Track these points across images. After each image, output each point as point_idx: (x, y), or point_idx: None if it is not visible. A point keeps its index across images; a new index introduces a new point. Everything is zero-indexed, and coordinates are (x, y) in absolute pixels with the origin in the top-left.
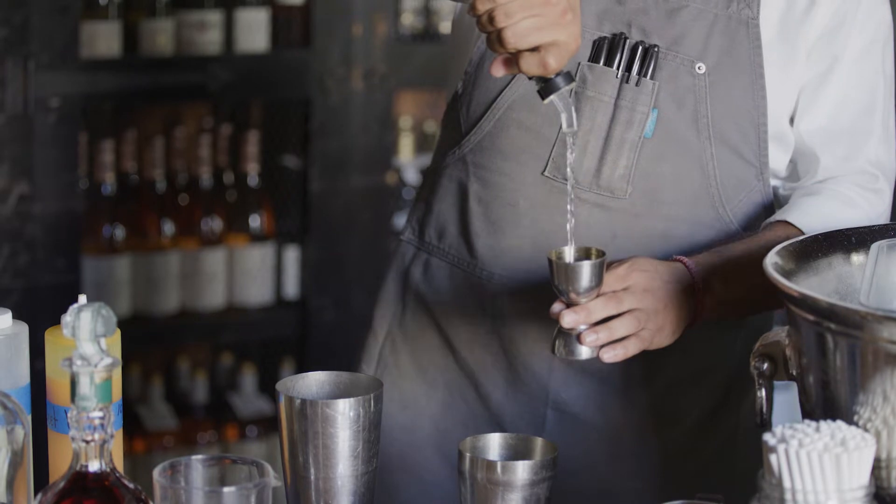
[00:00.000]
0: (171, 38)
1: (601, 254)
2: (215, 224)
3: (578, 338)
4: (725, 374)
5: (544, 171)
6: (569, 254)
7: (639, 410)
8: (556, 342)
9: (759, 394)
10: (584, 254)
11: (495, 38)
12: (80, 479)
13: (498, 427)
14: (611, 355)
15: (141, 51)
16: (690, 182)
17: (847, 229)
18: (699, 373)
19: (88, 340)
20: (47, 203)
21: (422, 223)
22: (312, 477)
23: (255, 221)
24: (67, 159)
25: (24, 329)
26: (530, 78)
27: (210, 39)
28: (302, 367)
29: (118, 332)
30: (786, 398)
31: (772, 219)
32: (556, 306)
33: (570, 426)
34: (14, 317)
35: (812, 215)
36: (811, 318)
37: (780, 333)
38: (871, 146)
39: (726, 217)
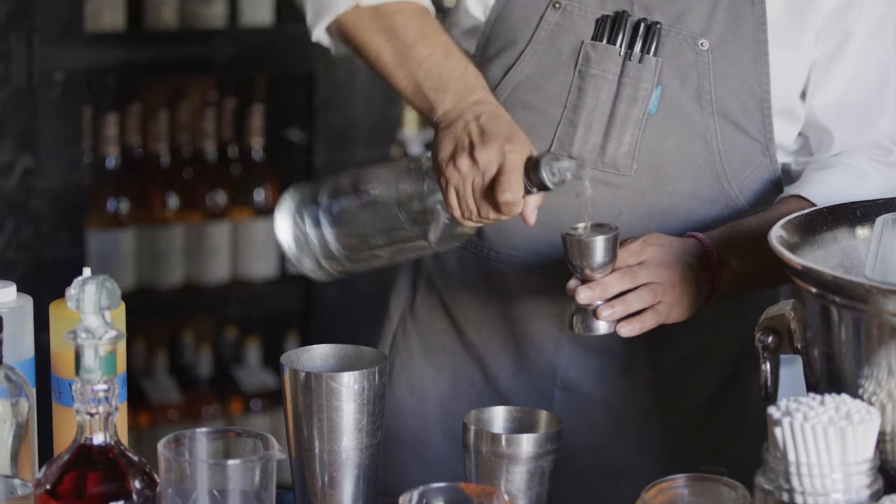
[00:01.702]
0: (175, 12)
1: (614, 229)
2: (220, 198)
3: (595, 313)
4: (734, 351)
5: (550, 149)
6: (582, 230)
7: (647, 387)
8: (573, 318)
9: (763, 367)
10: (597, 230)
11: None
12: (84, 452)
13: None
14: (628, 329)
15: (145, 24)
16: (695, 158)
17: (852, 203)
18: (708, 349)
19: (93, 313)
20: (52, 177)
21: None
22: (317, 450)
23: (259, 195)
24: (72, 133)
25: (28, 302)
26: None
27: (215, 13)
28: (306, 341)
29: (122, 306)
30: (790, 372)
31: (785, 193)
32: (572, 282)
33: (578, 405)
34: (18, 290)
35: (825, 189)
36: (816, 291)
37: (784, 307)
38: (885, 121)
39: (732, 192)
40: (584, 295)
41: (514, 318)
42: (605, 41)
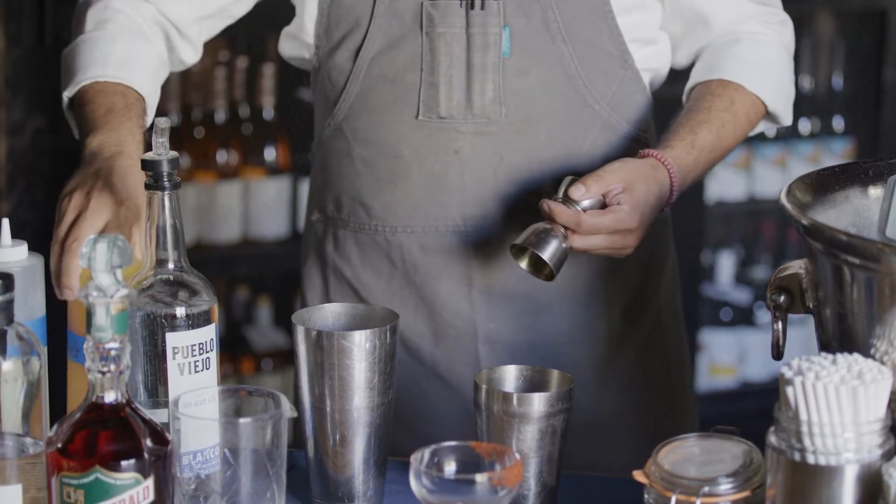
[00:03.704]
0: None
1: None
2: (231, 157)
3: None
4: (636, 268)
5: (417, 115)
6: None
7: (563, 320)
8: (526, 233)
9: (775, 326)
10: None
11: None
12: (96, 410)
13: (436, 378)
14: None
15: None
16: (559, 88)
17: (864, 162)
18: (611, 271)
19: (104, 271)
20: (63, 137)
21: (321, 200)
22: (328, 409)
23: (270, 155)
24: None
25: (39, 261)
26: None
27: None
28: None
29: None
30: (799, 335)
31: (701, 78)
32: (553, 202)
33: (505, 355)
34: (30, 249)
35: (738, 63)
36: (828, 251)
37: (796, 266)
38: None
39: (604, 113)
40: (564, 216)
41: (422, 285)
42: None
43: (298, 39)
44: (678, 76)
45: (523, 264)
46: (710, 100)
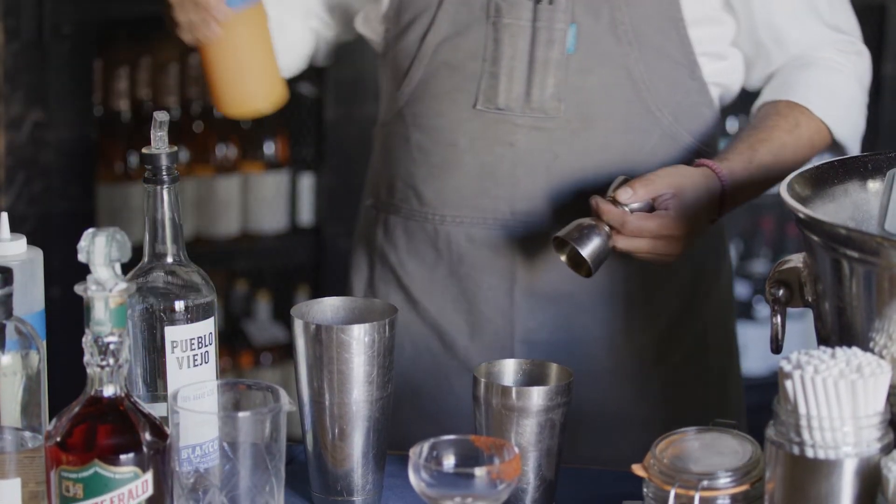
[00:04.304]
0: None
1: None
2: (230, 151)
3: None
4: (686, 277)
5: (475, 104)
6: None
7: (606, 326)
8: (570, 227)
9: (774, 320)
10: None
11: None
12: (95, 404)
13: (468, 373)
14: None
15: None
16: (620, 90)
17: (863, 156)
18: (661, 279)
19: (103, 265)
20: (62, 130)
21: (376, 185)
22: (327, 402)
23: (269, 149)
24: (82, 87)
25: (38, 255)
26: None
27: None
28: (316, 295)
29: None
30: (798, 329)
31: (770, 98)
32: (602, 200)
33: (540, 356)
34: (29, 243)
35: (809, 88)
36: (827, 244)
37: (795, 260)
38: (828, 14)
39: (665, 120)
40: (611, 214)
41: (465, 277)
42: None
43: (370, 21)
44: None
45: (563, 257)
46: (775, 120)
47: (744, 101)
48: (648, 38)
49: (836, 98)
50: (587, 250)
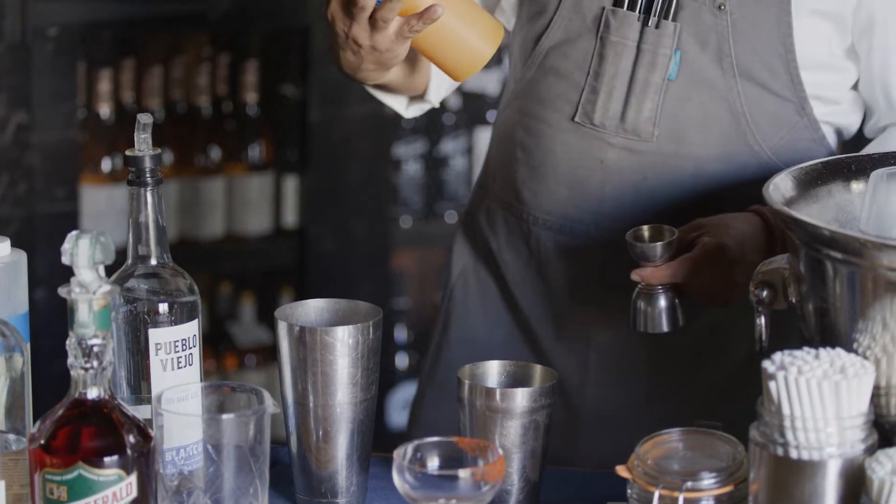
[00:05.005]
0: None
1: (674, 234)
2: (214, 153)
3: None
4: None
5: (574, 116)
6: (645, 231)
7: (683, 348)
8: (635, 316)
9: (758, 321)
10: (656, 231)
11: None
12: (78, 407)
13: None
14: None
15: None
16: (719, 121)
17: (847, 157)
18: (740, 314)
19: (87, 267)
20: (46, 132)
21: (485, 171)
22: (311, 404)
23: (254, 151)
24: (66, 89)
25: (22, 257)
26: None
27: None
28: (301, 297)
29: None
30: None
31: (867, 152)
32: (637, 271)
33: (614, 367)
34: (13, 245)
35: None
36: (811, 245)
37: (779, 261)
38: None
39: (764, 155)
40: (635, 276)
41: (551, 278)
42: (624, 7)
43: (505, 11)
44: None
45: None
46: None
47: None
48: (755, 73)
49: None
50: (664, 326)
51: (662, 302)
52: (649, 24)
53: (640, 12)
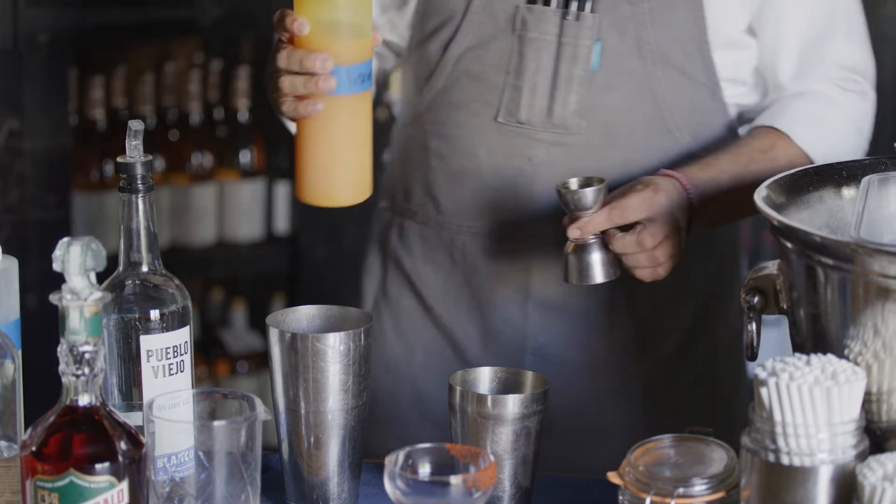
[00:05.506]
0: None
1: (601, 181)
2: (205, 160)
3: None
4: (698, 299)
5: (497, 116)
6: (574, 184)
7: (618, 343)
8: (568, 270)
9: (749, 328)
10: (586, 182)
11: None
12: (70, 414)
13: None
14: (643, 273)
15: None
16: (642, 109)
17: (838, 163)
18: (674, 299)
19: (78, 274)
20: (37, 139)
21: (391, 188)
22: (303, 411)
23: (245, 157)
24: (57, 95)
25: (13, 264)
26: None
27: None
28: (292, 303)
29: None
30: (773, 336)
31: (756, 124)
32: (566, 220)
33: (552, 369)
34: (4, 252)
35: (797, 118)
36: (802, 251)
37: (770, 267)
38: (836, 50)
39: (684, 140)
40: (573, 231)
41: (479, 287)
42: (539, 2)
43: (397, 28)
44: None
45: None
46: (748, 140)
47: None
48: (673, 58)
49: (819, 128)
50: (600, 278)
51: (596, 253)
52: (568, 16)
53: (558, 6)
